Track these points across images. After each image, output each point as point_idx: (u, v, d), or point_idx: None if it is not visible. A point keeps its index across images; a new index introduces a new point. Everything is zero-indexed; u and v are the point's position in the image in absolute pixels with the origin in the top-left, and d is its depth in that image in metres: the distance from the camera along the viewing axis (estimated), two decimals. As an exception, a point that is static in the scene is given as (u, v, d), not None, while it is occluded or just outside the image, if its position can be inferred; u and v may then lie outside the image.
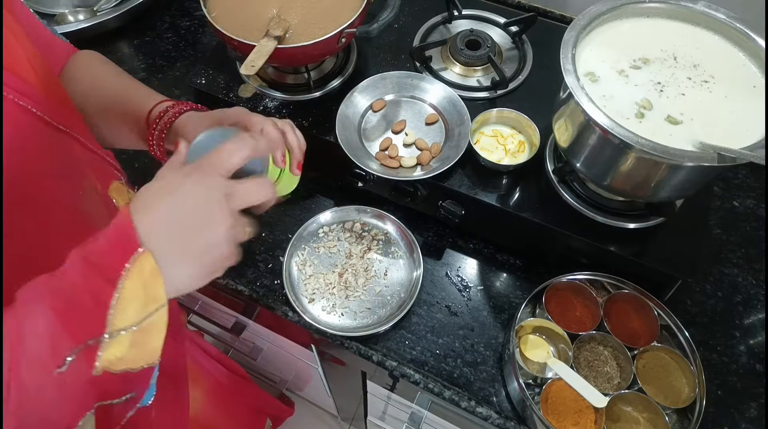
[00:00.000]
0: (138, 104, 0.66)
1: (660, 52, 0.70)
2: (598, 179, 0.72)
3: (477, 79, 0.92)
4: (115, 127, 0.68)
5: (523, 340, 0.75)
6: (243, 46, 0.77)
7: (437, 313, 0.80)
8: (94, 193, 0.56)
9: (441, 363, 0.76)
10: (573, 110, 0.68)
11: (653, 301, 0.75)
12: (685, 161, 0.61)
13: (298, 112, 0.88)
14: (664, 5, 0.72)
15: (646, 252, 0.75)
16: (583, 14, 0.70)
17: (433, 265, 0.84)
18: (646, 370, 0.73)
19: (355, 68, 0.93)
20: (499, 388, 0.75)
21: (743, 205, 0.90)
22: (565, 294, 0.78)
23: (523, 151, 0.82)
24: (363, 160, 0.80)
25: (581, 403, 0.70)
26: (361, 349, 0.77)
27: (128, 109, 0.67)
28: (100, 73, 0.71)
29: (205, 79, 0.90)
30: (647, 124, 0.65)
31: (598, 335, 0.74)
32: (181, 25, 1.12)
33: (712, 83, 0.68)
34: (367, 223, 0.86)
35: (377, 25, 0.80)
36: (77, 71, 0.69)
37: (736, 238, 0.86)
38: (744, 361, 0.77)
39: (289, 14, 0.83)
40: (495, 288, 0.82)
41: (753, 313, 0.81)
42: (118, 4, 1.06)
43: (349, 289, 0.80)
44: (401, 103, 0.88)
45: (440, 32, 0.98)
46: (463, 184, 0.80)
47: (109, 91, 0.68)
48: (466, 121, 0.82)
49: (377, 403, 1.14)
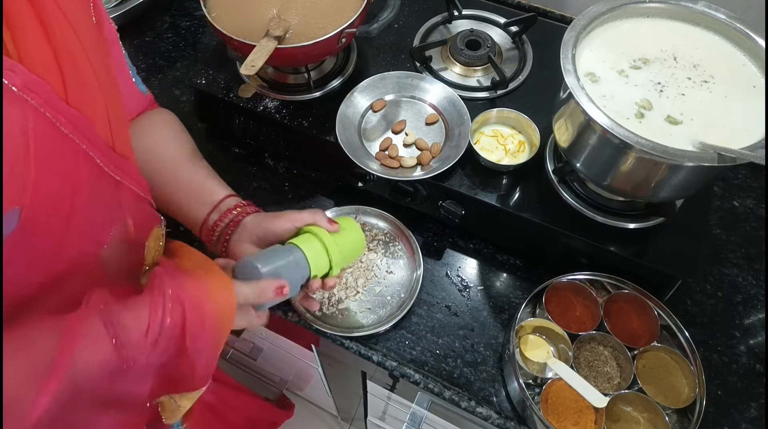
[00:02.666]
0: (206, 199, 0.71)
1: (660, 53, 0.71)
2: (598, 179, 0.72)
3: (477, 79, 0.92)
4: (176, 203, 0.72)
5: (523, 340, 0.75)
6: (243, 46, 0.77)
7: (437, 313, 0.80)
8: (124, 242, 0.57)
9: (441, 363, 0.76)
10: (573, 110, 0.68)
11: (653, 301, 0.75)
12: (685, 161, 0.61)
13: (298, 112, 0.88)
14: (664, 5, 0.72)
15: (646, 252, 0.75)
16: (583, 14, 0.70)
17: (433, 265, 0.84)
18: (646, 370, 0.73)
19: (355, 68, 0.93)
20: (499, 388, 0.75)
21: (743, 205, 0.90)
22: (565, 294, 0.78)
23: (523, 151, 0.82)
24: (363, 160, 0.80)
25: (581, 403, 0.70)
26: (361, 349, 0.77)
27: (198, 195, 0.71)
28: (175, 147, 0.74)
29: (205, 79, 0.90)
30: (647, 124, 0.65)
31: (598, 335, 0.74)
32: (181, 25, 1.12)
33: (711, 83, 0.68)
34: (367, 223, 0.86)
35: (377, 25, 0.80)
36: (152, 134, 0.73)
37: (736, 238, 0.86)
38: (744, 361, 0.77)
39: (289, 14, 0.83)
40: (495, 288, 0.82)
41: (753, 313, 0.81)
42: (118, 4, 1.06)
43: (349, 289, 0.80)
44: (401, 103, 0.88)
45: (440, 32, 0.98)
46: (463, 184, 0.80)
47: (183, 169, 0.73)
48: (466, 121, 0.82)
49: (377, 403, 1.14)
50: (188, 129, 0.78)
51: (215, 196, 0.71)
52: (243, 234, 0.67)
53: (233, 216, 0.69)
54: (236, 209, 0.69)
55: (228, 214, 0.69)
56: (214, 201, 0.70)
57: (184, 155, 0.74)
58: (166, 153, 0.72)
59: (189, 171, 0.72)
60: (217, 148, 0.96)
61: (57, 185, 0.44)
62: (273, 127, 0.90)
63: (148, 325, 0.48)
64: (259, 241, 0.67)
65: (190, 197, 0.71)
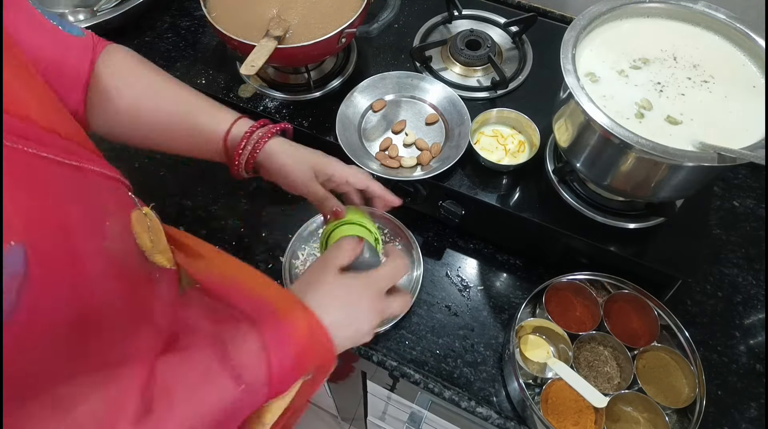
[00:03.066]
0: (209, 124, 0.65)
1: (660, 53, 0.70)
2: (598, 179, 0.72)
3: (477, 79, 0.92)
4: (179, 141, 0.66)
5: (523, 340, 0.75)
6: (243, 46, 0.77)
7: (437, 313, 0.80)
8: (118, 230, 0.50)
9: (441, 363, 0.76)
10: (573, 110, 0.68)
11: (653, 301, 0.75)
12: (685, 161, 0.61)
13: (298, 112, 0.88)
14: (664, 5, 0.72)
15: (646, 252, 0.75)
16: (583, 14, 0.70)
17: (433, 265, 0.84)
18: (646, 370, 0.73)
19: (355, 68, 0.93)
20: (499, 388, 0.75)
21: (743, 205, 0.90)
22: (565, 294, 0.78)
23: (523, 151, 0.82)
24: (363, 160, 0.80)
25: (581, 403, 0.70)
26: (361, 349, 0.77)
27: (197, 128, 0.65)
28: (147, 80, 0.65)
29: (205, 79, 0.90)
30: (647, 124, 0.65)
31: (598, 335, 0.74)
32: (181, 25, 1.12)
33: (711, 83, 0.68)
34: (367, 223, 0.86)
35: (377, 25, 0.80)
36: (117, 78, 0.63)
37: (736, 238, 0.86)
38: (744, 361, 0.77)
39: (289, 14, 0.83)
40: (495, 288, 0.82)
41: (753, 313, 0.81)
42: (118, 4, 1.06)
43: (349, 289, 0.80)
44: (401, 103, 0.88)
45: (440, 32, 0.98)
46: (463, 184, 0.80)
47: (169, 104, 0.65)
48: (466, 121, 0.82)
49: (377, 403, 1.14)
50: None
51: (221, 126, 0.65)
52: (285, 167, 0.64)
53: (255, 141, 0.64)
54: (256, 132, 0.64)
55: (250, 136, 0.64)
56: (225, 123, 0.65)
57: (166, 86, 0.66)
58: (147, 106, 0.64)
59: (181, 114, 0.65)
60: (217, 148, 0.96)
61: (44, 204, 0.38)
62: (273, 127, 0.90)
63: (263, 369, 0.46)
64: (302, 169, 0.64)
65: (197, 140, 0.65)
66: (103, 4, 1.08)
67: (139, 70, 0.65)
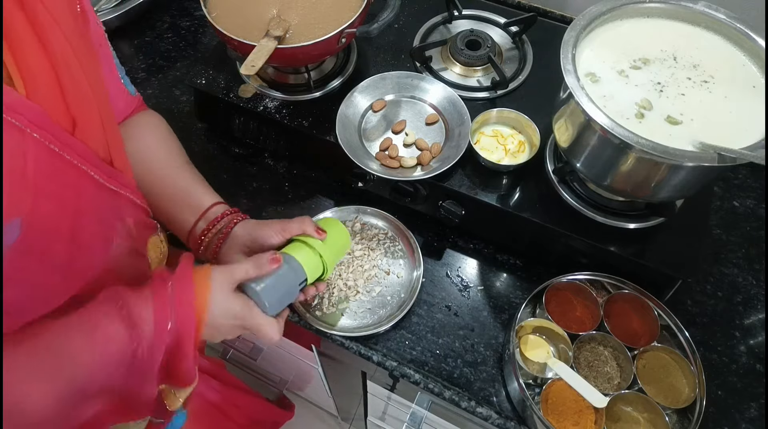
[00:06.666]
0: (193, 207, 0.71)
1: (660, 53, 0.71)
2: (598, 179, 0.72)
3: (477, 79, 0.92)
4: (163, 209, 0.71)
5: (523, 340, 0.75)
6: (243, 46, 0.77)
7: (437, 313, 0.80)
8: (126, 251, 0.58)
9: (441, 363, 0.76)
10: (573, 110, 0.68)
11: (653, 301, 0.75)
12: (685, 161, 0.61)
13: (298, 112, 0.88)
14: (664, 5, 0.72)
15: (646, 252, 0.75)
16: (583, 14, 0.70)
17: (433, 265, 0.84)
18: (647, 370, 0.73)
19: (355, 68, 0.93)
20: (499, 388, 0.75)
21: (743, 205, 0.90)
22: (565, 294, 0.78)
23: (523, 151, 0.82)
24: (363, 160, 0.80)
25: (581, 404, 0.70)
26: (361, 349, 0.77)
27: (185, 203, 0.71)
28: (162, 153, 0.74)
29: (205, 79, 0.90)
30: (647, 125, 0.65)
31: (598, 335, 0.74)
32: (181, 25, 1.12)
33: (711, 83, 0.68)
34: (367, 223, 0.86)
35: (377, 25, 0.80)
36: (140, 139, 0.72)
37: (736, 238, 0.86)
38: (744, 361, 0.77)
39: (289, 14, 0.83)
40: (495, 288, 0.82)
41: (753, 313, 0.81)
42: (118, 4, 1.06)
43: (349, 290, 0.80)
44: (401, 103, 0.88)
45: (440, 32, 0.98)
46: (463, 184, 0.80)
47: (170, 177, 0.72)
48: (466, 121, 0.82)
49: (377, 403, 1.14)
50: (188, 129, 0.79)
51: (202, 203, 0.71)
52: (233, 243, 0.68)
53: (222, 226, 0.69)
54: (224, 218, 0.70)
55: (216, 222, 0.69)
56: (201, 208, 0.70)
57: (171, 160, 0.73)
58: (153, 158, 0.72)
59: (176, 177, 0.72)
60: (217, 148, 0.96)
61: (57, 200, 0.46)
62: (273, 127, 0.90)
63: (156, 322, 0.51)
64: (249, 250, 0.68)
65: (177, 204, 0.71)
66: (103, 4, 1.08)
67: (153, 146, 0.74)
